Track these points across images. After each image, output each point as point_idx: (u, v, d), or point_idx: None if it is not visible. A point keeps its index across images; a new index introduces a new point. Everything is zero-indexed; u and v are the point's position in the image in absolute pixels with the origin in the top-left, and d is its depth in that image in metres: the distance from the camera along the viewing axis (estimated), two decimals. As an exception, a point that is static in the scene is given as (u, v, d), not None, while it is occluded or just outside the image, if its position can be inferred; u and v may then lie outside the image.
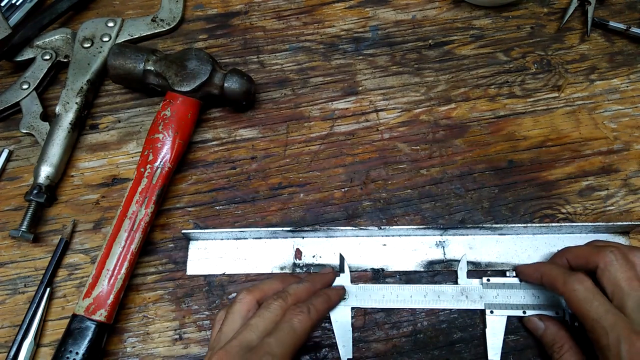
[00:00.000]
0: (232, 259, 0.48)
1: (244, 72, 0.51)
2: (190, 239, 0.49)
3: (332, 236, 0.48)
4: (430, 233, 0.48)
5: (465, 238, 0.48)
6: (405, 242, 0.48)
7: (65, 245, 0.48)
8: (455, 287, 0.45)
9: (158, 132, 0.48)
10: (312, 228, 0.48)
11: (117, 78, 0.51)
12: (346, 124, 0.53)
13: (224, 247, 0.48)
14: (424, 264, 0.47)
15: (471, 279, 0.46)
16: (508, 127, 0.52)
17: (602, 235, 0.47)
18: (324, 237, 0.48)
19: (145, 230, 0.46)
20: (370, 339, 0.45)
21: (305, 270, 0.47)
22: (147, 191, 0.47)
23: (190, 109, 0.49)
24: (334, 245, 0.48)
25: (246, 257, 0.48)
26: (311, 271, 0.47)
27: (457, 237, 0.48)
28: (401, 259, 0.48)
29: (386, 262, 0.47)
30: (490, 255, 0.47)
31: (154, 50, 0.51)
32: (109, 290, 0.44)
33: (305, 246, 0.48)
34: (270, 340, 0.36)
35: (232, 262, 0.48)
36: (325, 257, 0.48)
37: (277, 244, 0.48)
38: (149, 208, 0.46)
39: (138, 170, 0.47)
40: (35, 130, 0.52)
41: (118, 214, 0.46)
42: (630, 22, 0.56)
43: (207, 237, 0.48)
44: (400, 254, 0.48)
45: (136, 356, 0.45)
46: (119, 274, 0.44)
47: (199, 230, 0.48)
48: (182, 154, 0.50)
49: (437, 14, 0.58)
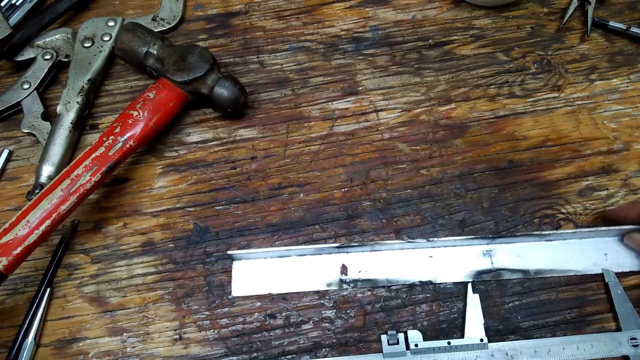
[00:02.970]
0: (277, 278, 0.47)
1: (239, 80, 0.51)
2: (234, 259, 0.48)
3: (377, 250, 0.48)
4: (477, 243, 0.47)
5: (513, 246, 0.47)
6: (452, 252, 0.48)
7: (65, 245, 0.48)
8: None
9: (135, 109, 0.48)
10: (358, 243, 0.47)
11: (120, 52, 0.52)
12: (346, 124, 0.53)
13: (268, 266, 0.47)
14: (473, 274, 0.47)
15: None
16: (508, 127, 0.52)
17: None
18: (369, 251, 0.48)
19: (82, 197, 0.44)
20: (370, 339, 0.45)
21: (353, 287, 0.47)
22: (100, 160, 0.45)
23: (174, 99, 0.49)
24: (380, 259, 0.47)
25: (291, 275, 0.47)
26: (358, 286, 0.47)
27: (504, 246, 0.48)
28: (449, 270, 0.47)
29: (434, 274, 0.47)
30: (538, 262, 0.47)
31: (163, 38, 0.52)
32: (19, 241, 0.42)
33: (350, 261, 0.47)
34: None
35: (277, 281, 0.47)
36: (372, 272, 0.47)
37: (322, 260, 0.48)
38: (94, 176, 0.45)
39: (100, 138, 0.47)
40: (37, 130, 0.52)
41: (62, 172, 0.45)
42: (630, 22, 0.56)
43: (251, 257, 0.48)
44: (447, 265, 0.47)
45: (136, 356, 0.45)
46: (37, 229, 0.42)
47: (244, 250, 0.47)
48: (150, 140, 0.49)
49: (437, 14, 0.58)
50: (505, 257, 0.47)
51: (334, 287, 0.47)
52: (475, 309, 0.45)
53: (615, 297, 0.45)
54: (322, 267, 0.47)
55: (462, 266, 0.47)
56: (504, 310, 0.45)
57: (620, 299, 0.45)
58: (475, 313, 0.45)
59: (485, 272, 0.47)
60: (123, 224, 0.50)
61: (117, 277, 0.48)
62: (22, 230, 0.42)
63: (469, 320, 0.45)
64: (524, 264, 0.47)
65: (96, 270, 0.48)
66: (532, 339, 0.44)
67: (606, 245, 0.47)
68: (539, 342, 0.44)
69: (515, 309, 0.45)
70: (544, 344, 0.44)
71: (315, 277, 0.47)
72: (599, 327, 0.45)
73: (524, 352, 0.43)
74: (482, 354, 0.43)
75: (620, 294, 0.45)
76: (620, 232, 0.47)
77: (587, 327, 0.45)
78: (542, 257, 0.47)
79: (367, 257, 0.48)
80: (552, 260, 0.47)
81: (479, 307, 0.45)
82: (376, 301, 0.46)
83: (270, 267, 0.47)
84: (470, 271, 0.47)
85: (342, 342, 0.45)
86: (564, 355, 0.43)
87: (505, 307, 0.46)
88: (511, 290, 0.46)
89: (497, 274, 0.47)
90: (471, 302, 0.45)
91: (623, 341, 0.44)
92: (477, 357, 0.43)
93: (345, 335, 0.45)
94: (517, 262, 0.47)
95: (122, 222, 0.50)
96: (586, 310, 0.45)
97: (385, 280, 0.47)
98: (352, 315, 0.46)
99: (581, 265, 0.47)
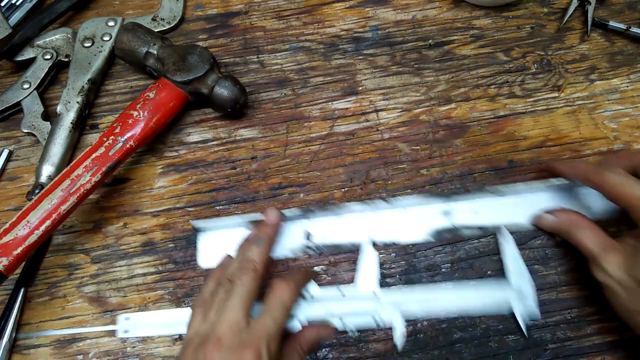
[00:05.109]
0: None
1: (239, 80, 0.51)
2: (198, 231, 0.48)
3: (339, 214, 0.48)
4: (435, 202, 0.48)
5: (470, 204, 0.48)
6: (412, 213, 0.48)
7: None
8: None
9: (135, 109, 0.48)
10: (320, 208, 0.48)
11: (120, 52, 0.52)
12: (346, 124, 0.53)
13: (234, 236, 0.48)
14: (433, 233, 0.48)
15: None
16: (508, 127, 0.52)
17: None
18: (332, 216, 0.48)
19: (82, 197, 0.44)
20: (370, 339, 0.45)
21: (318, 252, 0.48)
22: (100, 160, 0.45)
23: (174, 99, 0.49)
24: (343, 223, 0.48)
25: None
26: (324, 252, 0.48)
27: (462, 204, 0.48)
28: (410, 230, 0.48)
29: (395, 235, 0.48)
30: (496, 218, 0.48)
31: (163, 38, 0.52)
32: (19, 241, 0.42)
33: (314, 227, 0.48)
34: (267, 320, 0.37)
35: None
36: (336, 237, 0.48)
37: (287, 228, 0.48)
38: (94, 177, 0.45)
39: (100, 138, 0.46)
40: (37, 129, 0.52)
41: (62, 173, 0.45)
42: (630, 22, 0.56)
43: (216, 227, 0.48)
44: (408, 225, 0.48)
45: (136, 356, 0.45)
46: (37, 229, 0.42)
47: (207, 220, 0.48)
48: (150, 140, 0.49)
49: (437, 14, 0.58)
50: (463, 215, 0.48)
51: (299, 254, 0.48)
52: (371, 262, 0.47)
53: (505, 251, 0.46)
54: (286, 235, 0.48)
55: (422, 226, 0.48)
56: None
57: (511, 253, 0.46)
58: (370, 266, 0.46)
59: (445, 230, 0.48)
60: (123, 224, 0.50)
61: (117, 277, 0.48)
62: (22, 230, 0.42)
63: (364, 272, 0.46)
64: (482, 220, 0.48)
65: (96, 270, 0.48)
66: (421, 284, 0.46)
67: (562, 198, 0.48)
68: (429, 296, 0.46)
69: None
70: (432, 296, 0.45)
71: (281, 244, 0.48)
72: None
73: (414, 304, 0.45)
74: (374, 304, 0.45)
75: (511, 249, 0.46)
76: (573, 185, 0.47)
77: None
78: (501, 213, 0.48)
79: (330, 222, 0.48)
80: (510, 216, 0.48)
81: (375, 261, 0.47)
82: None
83: (236, 238, 0.47)
84: (431, 230, 0.48)
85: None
86: (454, 306, 0.45)
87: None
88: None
89: (457, 231, 0.48)
90: (367, 256, 0.47)
91: (510, 293, 0.45)
92: (368, 307, 0.45)
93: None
94: (475, 219, 0.48)
95: (122, 222, 0.50)
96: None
97: (348, 243, 0.48)
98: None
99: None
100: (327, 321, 0.45)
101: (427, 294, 0.46)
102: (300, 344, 0.42)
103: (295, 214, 0.48)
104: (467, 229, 0.48)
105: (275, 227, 0.45)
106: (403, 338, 0.44)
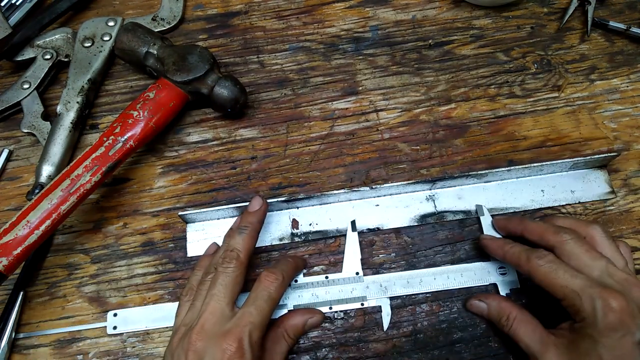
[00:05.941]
0: None
1: (239, 80, 0.51)
2: (187, 222, 0.49)
3: (325, 202, 0.49)
4: (420, 188, 0.49)
5: (454, 189, 0.49)
6: (397, 199, 0.49)
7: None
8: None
9: (135, 109, 0.48)
10: (305, 196, 0.48)
11: (120, 52, 0.52)
12: (346, 124, 0.53)
13: (222, 226, 0.49)
14: (417, 218, 0.48)
15: None
16: (508, 127, 0.52)
17: (581, 171, 0.49)
18: (318, 204, 0.49)
19: (82, 197, 0.44)
20: (370, 339, 0.45)
21: (304, 239, 0.48)
22: (100, 160, 0.45)
23: (174, 99, 0.49)
24: (329, 211, 0.49)
25: None
26: (310, 239, 0.48)
27: (446, 190, 0.49)
28: (395, 217, 0.48)
29: (381, 221, 0.48)
30: (479, 202, 0.49)
31: (163, 38, 0.52)
32: (19, 241, 0.42)
33: (301, 215, 0.49)
34: (251, 309, 0.37)
35: None
36: (322, 224, 0.48)
37: (274, 217, 0.49)
38: (94, 176, 0.45)
39: (100, 138, 0.46)
40: (37, 129, 0.52)
41: (62, 173, 0.45)
42: (630, 22, 0.56)
43: (204, 218, 0.49)
44: (393, 211, 0.49)
45: (136, 356, 0.45)
46: (37, 229, 0.42)
47: (196, 210, 0.48)
48: (150, 140, 0.49)
49: (437, 14, 0.58)
50: (447, 200, 0.49)
51: (286, 241, 0.48)
52: (353, 245, 0.47)
53: (486, 228, 0.47)
54: (273, 223, 0.49)
55: (407, 212, 0.49)
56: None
57: (490, 230, 0.47)
58: (353, 249, 0.47)
59: (429, 215, 0.48)
60: (123, 223, 0.50)
61: (117, 277, 0.48)
62: (22, 230, 0.42)
63: (347, 256, 0.47)
64: (465, 205, 0.49)
65: (96, 270, 0.48)
66: (406, 271, 0.46)
67: (542, 182, 0.49)
68: (412, 273, 0.46)
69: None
70: (416, 274, 0.46)
71: (268, 233, 0.48)
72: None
73: (397, 283, 0.46)
74: (357, 286, 0.46)
75: (489, 225, 0.47)
76: (552, 170, 0.48)
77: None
78: (483, 198, 0.49)
79: (316, 210, 0.49)
80: (492, 200, 0.49)
81: (356, 244, 0.47)
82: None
83: (224, 227, 0.47)
84: (415, 215, 0.48)
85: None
86: (435, 284, 0.46)
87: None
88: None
89: (441, 216, 0.48)
90: (350, 240, 0.47)
91: (492, 270, 0.46)
92: (353, 290, 0.46)
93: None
94: (458, 204, 0.49)
95: (122, 222, 0.50)
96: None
97: (334, 230, 0.48)
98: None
99: (519, 203, 0.49)
100: (313, 307, 0.45)
101: (410, 272, 0.46)
102: (286, 330, 0.42)
103: (280, 202, 0.48)
104: (451, 213, 0.48)
105: (259, 215, 0.44)
106: (388, 317, 0.45)
